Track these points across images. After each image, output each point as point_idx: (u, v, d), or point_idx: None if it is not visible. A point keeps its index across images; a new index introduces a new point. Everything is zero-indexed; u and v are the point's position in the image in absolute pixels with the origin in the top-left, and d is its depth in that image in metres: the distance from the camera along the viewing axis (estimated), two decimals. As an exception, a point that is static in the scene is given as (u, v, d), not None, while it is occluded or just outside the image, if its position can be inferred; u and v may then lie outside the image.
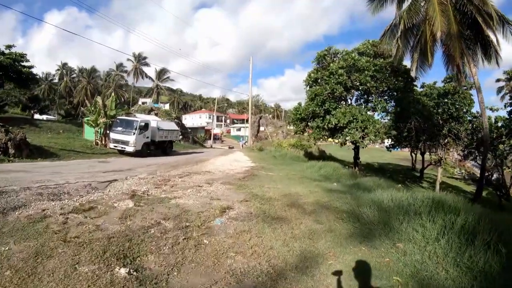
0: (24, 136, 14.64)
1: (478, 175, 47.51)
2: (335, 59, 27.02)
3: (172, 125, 25.54)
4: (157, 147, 21.81)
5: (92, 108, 22.10)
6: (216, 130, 59.36)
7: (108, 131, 20.49)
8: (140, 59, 67.93)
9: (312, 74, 27.27)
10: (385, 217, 6.20)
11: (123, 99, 67.69)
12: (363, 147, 24.08)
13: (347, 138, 23.13)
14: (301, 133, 27.05)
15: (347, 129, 22.80)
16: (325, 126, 23.78)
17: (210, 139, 49.80)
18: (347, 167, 23.71)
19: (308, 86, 28.12)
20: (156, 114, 38.31)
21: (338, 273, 3.98)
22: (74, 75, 69.51)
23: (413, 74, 21.03)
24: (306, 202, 7.77)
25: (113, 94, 24.31)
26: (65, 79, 66.56)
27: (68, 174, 9.98)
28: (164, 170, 12.51)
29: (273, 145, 33.02)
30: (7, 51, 25.32)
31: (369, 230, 5.81)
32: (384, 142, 43.29)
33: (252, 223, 5.43)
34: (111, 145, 19.38)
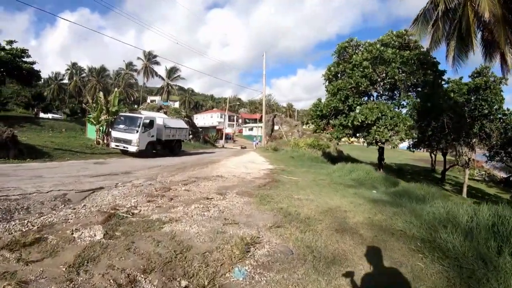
0: (12, 134, 12.71)
1: (500, 177, 44.93)
2: (356, 51, 24.58)
3: (181, 123, 23.40)
4: (164, 147, 19.72)
5: (94, 105, 20.19)
6: (228, 130, 57.06)
7: (110, 129, 18.50)
8: (150, 58, 66.42)
9: (332, 68, 24.86)
10: (476, 246, 4.31)
11: (132, 98, 66.39)
12: (393, 147, 21.51)
13: (376, 137, 20.65)
14: (321, 131, 24.60)
15: (375, 127, 20.35)
16: (349, 124, 21.37)
17: (221, 138, 47.76)
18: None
19: (328, 81, 25.76)
20: (165, 113, 36.40)
21: None
22: (84, 75, 68.45)
23: (449, 64, 18.46)
24: (357, 222, 5.60)
25: (116, 89, 22.33)
26: (74, 78, 65.51)
27: (48, 179, 8.03)
28: (167, 174, 10.36)
29: (290, 145, 30.61)
30: (8, 47, 23.94)
31: (469, 272, 3.70)
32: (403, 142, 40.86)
33: (297, 276, 3.14)
34: (113, 145, 17.38)
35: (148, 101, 62.05)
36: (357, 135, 23.58)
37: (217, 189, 7.71)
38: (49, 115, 35.15)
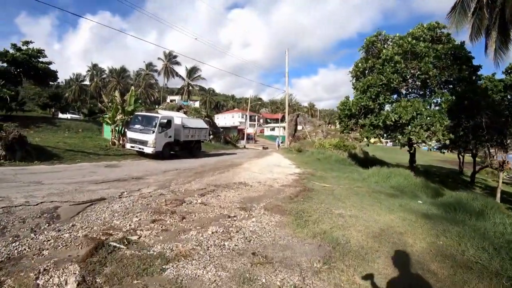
0: (18, 135, 11.85)
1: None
2: (385, 46, 22.80)
3: (200, 123, 21.98)
4: (182, 148, 18.60)
5: (110, 104, 19.32)
6: (249, 130, 55.59)
7: (126, 129, 17.55)
8: (170, 58, 66.10)
9: (360, 64, 23.18)
10: None
11: (153, 98, 66.23)
12: (430, 149, 19.61)
13: (411, 138, 18.87)
14: (349, 132, 22.93)
15: (409, 127, 18.60)
16: (380, 124, 19.68)
17: (243, 139, 46.44)
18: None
19: (355, 78, 24.09)
20: (185, 112, 35.45)
21: None
22: (104, 76, 68.94)
23: (489, 58, 16.46)
24: (421, 251, 4.31)
25: (132, 88, 21.42)
26: (95, 79, 66.00)
27: (46, 186, 7.05)
28: (183, 180, 9.13)
29: (315, 146, 28.96)
30: (24, 47, 23.54)
31: None
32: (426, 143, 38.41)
33: None
34: (128, 146, 16.40)
35: (168, 100, 61.42)
36: (389, 135, 21.79)
37: (240, 201, 6.38)
38: (68, 116, 34.91)
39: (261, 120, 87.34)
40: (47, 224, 4.44)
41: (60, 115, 33.33)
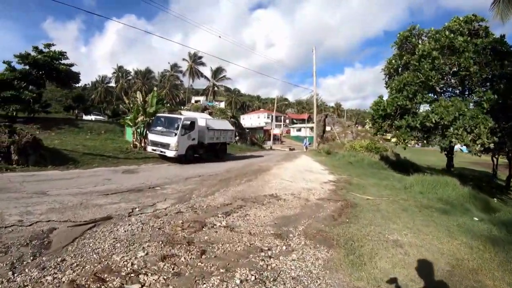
0: (32, 139, 11.22)
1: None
2: (419, 41, 21.05)
3: (226, 124, 20.89)
4: (206, 151, 17.64)
5: (131, 105, 18.66)
6: (275, 131, 54.17)
7: (147, 131, 16.79)
8: (195, 59, 65.95)
9: (393, 61, 21.52)
10: None
11: (178, 99, 66.28)
12: (478, 155, 17.65)
13: (453, 141, 17.05)
14: (384, 133, 21.27)
15: (451, 129, 16.81)
16: (417, 125, 17.97)
17: (269, 140, 45.33)
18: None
19: (388, 76, 22.42)
20: (210, 113, 34.69)
21: None
22: (130, 77, 69.63)
23: None
24: None
25: (155, 88, 20.76)
26: (120, 81, 66.73)
27: (50, 198, 6.22)
28: (206, 190, 8.07)
29: (345, 148, 27.30)
30: (46, 50, 23.44)
31: None
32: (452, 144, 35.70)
33: None
34: (149, 149, 15.62)
35: (193, 101, 61.06)
36: (427, 138, 19.99)
37: (273, 223, 5.21)
38: (92, 117, 34.89)
39: (287, 121, 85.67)
40: (32, 257, 3.50)
41: (85, 117, 33.33)
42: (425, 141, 20.22)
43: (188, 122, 15.51)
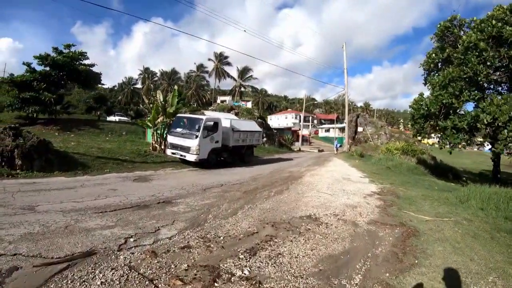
0: (37, 142, 10.19)
1: None
2: (461, 33, 18.77)
3: (253, 125, 18.95)
4: (231, 154, 16.21)
5: (151, 105, 17.52)
6: (303, 131, 51.97)
7: (167, 133, 15.59)
8: (221, 59, 65.07)
9: (434, 54, 19.27)
10: None
11: (204, 100, 65.64)
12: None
13: (510, 145, 14.75)
14: (426, 135, 19.03)
15: (506, 131, 14.53)
16: (464, 126, 15.76)
17: (297, 141, 43.65)
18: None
19: (427, 72, 20.21)
20: (236, 114, 33.31)
21: None
22: (156, 78, 69.79)
23: None
24: None
25: (175, 87, 19.55)
26: (146, 82, 66.90)
27: (37, 216, 5.12)
28: (227, 207, 6.62)
29: (381, 150, 25.10)
30: (66, 51, 22.95)
31: None
32: (485, 145, 32.35)
33: None
34: (169, 152, 14.41)
35: (218, 101, 59.97)
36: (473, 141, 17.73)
37: (317, 270, 3.63)
38: (116, 118, 34.41)
39: (315, 121, 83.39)
40: None
41: (108, 118, 32.89)
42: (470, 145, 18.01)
43: (211, 123, 14.18)
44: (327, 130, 72.50)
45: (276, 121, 77.44)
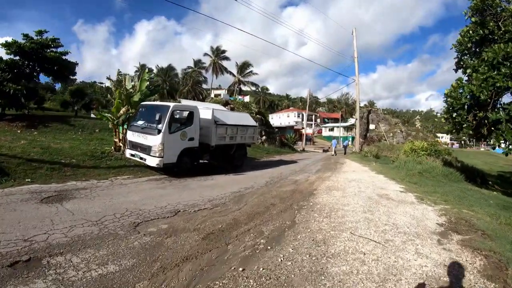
0: None
1: None
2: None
3: (245, 118, 14.49)
4: (215, 156, 12.37)
5: (117, 94, 13.67)
6: (307, 130, 48.47)
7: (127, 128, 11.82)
8: (218, 53, 61.15)
9: (471, 31, 15.26)
10: None
11: (201, 97, 61.84)
12: None
13: None
14: (470, 131, 14.84)
15: None
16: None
17: (300, 140, 40.49)
18: None
19: (461, 53, 16.22)
20: (232, 109, 29.40)
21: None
22: (152, 75, 66.10)
23: None
24: None
25: (146, 69, 15.89)
26: (142, 79, 63.25)
27: None
28: (172, 284, 2.77)
29: (404, 151, 21.10)
30: (37, 38, 19.86)
31: None
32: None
33: None
34: (128, 153, 10.64)
35: (212, 95, 55.63)
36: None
37: None
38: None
39: (318, 120, 79.88)
40: None
41: (93, 115, 29.26)
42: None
43: (183, 113, 10.43)
44: (331, 129, 69.63)
45: (278, 119, 74.21)
